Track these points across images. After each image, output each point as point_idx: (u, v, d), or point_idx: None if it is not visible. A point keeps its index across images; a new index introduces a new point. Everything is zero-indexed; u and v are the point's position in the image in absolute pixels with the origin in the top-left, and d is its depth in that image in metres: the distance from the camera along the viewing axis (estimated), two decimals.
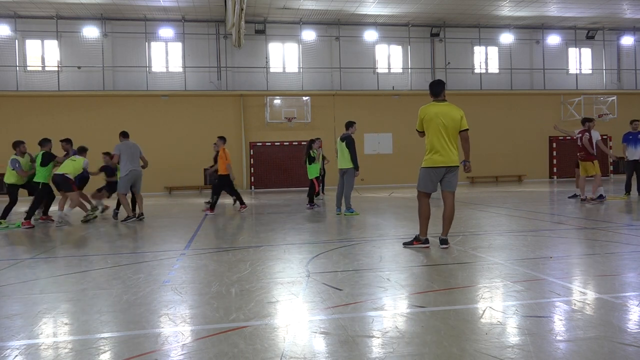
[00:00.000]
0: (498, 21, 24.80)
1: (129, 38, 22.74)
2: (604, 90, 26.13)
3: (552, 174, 25.78)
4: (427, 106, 6.37)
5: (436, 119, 6.23)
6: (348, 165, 10.73)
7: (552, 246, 6.49)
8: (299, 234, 8.23)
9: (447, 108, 6.33)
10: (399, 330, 3.35)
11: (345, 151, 10.70)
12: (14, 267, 6.13)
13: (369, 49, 24.65)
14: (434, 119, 6.24)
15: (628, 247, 6.24)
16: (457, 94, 24.93)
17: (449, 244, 6.41)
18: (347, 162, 10.72)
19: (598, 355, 2.87)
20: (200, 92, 22.91)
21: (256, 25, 23.10)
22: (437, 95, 6.41)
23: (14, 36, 21.90)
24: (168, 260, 6.17)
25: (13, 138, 11.87)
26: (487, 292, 4.33)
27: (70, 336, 3.48)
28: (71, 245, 7.93)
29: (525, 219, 9.39)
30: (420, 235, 6.50)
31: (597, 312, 3.66)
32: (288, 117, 23.04)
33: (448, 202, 6.45)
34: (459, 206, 12.49)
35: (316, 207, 12.68)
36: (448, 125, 6.25)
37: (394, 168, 24.21)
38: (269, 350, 3.05)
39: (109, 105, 22.07)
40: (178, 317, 3.79)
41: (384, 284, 4.62)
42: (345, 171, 10.79)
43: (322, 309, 3.87)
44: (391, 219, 10.33)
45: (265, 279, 4.99)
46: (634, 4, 22.96)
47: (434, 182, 6.39)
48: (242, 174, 23.38)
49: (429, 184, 6.40)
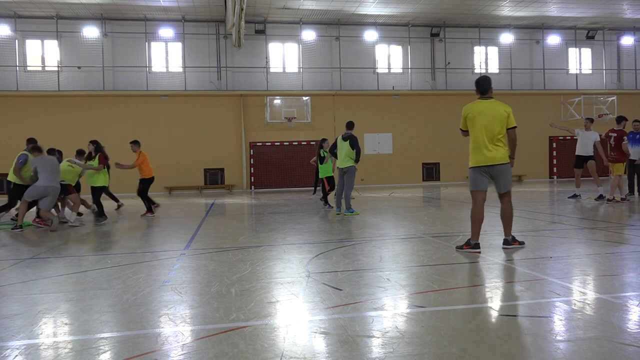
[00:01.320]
0: (498, 21, 24.81)
1: (129, 38, 22.75)
2: (604, 90, 26.14)
3: (552, 174, 25.79)
4: (471, 104, 6.12)
5: (480, 116, 5.96)
6: (349, 164, 10.70)
7: (552, 246, 6.48)
8: (299, 234, 8.23)
9: (493, 105, 6.04)
10: (399, 330, 3.35)
11: (349, 150, 10.65)
12: (14, 267, 6.13)
13: (369, 49, 24.66)
14: (477, 117, 5.97)
15: (628, 247, 6.24)
16: (457, 94, 24.94)
17: (511, 245, 6.18)
18: (349, 161, 10.69)
19: (598, 355, 2.87)
20: (200, 92, 22.91)
21: (256, 25, 23.11)
22: (484, 92, 6.11)
23: (14, 36, 21.90)
24: (168, 260, 6.17)
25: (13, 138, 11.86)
26: (487, 292, 4.33)
27: (70, 336, 3.48)
28: (71, 245, 7.93)
29: (525, 219, 9.38)
30: (471, 240, 6.13)
31: (597, 312, 3.66)
32: (288, 117, 23.04)
33: (503, 203, 6.20)
34: (458, 206, 12.50)
35: (328, 207, 12.62)
36: (493, 123, 5.93)
37: (394, 168, 24.22)
38: (269, 350, 3.05)
39: (109, 105, 22.08)
40: (178, 317, 3.79)
41: (384, 284, 4.62)
42: (346, 171, 10.75)
43: (322, 309, 3.87)
44: (391, 219, 10.33)
45: (265, 279, 4.98)
46: (634, 4, 22.96)
47: (484, 180, 6.07)
48: (243, 174, 23.40)
49: (479, 182, 6.08)
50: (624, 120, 12.64)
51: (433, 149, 24.80)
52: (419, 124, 24.64)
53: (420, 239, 7.28)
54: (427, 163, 24.98)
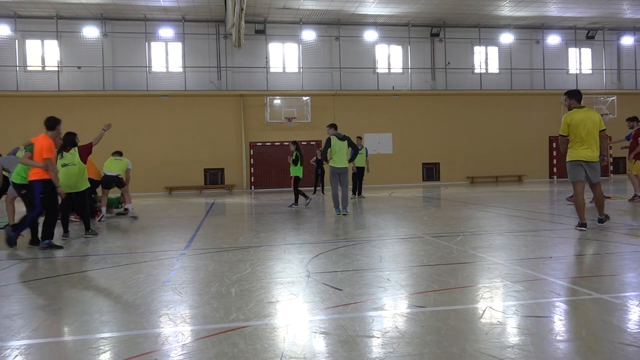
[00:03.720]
0: (498, 21, 24.80)
1: (129, 38, 22.74)
2: (604, 90, 26.13)
3: (552, 174, 25.80)
4: (572, 113, 7.46)
5: (582, 123, 7.33)
6: (347, 164, 10.81)
7: (552, 246, 6.49)
8: (299, 234, 8.23)
9: (588, 113, 7.48)
10: (399, 330, 3.35)
11: (347, 150, 10.80)
12: (14, 267, 6.13)
13: (369, 49, 24.65)
14: (580, 124, 7.33)
15: (628, 247, 6.24)
16: (457, 94, 24.97)
17: (604, 222, 7.72)
18: (346, 162, 10.82)
19: (598, 355, 2.87)
20: (200, 92, 22.91)
21: (256, 25, 23.10)
22: (579, 101, 7.58)
23: (14, 36, 21.90)
24: (168, 260, 6.17)
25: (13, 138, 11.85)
26: (487, 292, 4.33)
27: (70, 336, 3.48)
28: (71, 245, 7.93)
29: (525, 219, 9.38)
30: (580, 221, 7.49)
31: (597, 312, 3.66)
32: (288, 117, 23.04)
33: (596, 192, 7.73)
34: (458, 206, 12.51)
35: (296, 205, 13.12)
36: (592, 127, 7.35)
37: (394, 168, 24.21)
38: (269, 350, 3.05)
39: (109, 105, 22.07)
40: (178, 317, 3.79)
41: (384, 284, 4.62)
42: (346, 171, 10.84)
43: (322, 309, 3.87)
44: (391, 219, 10.33)
45: (265, 279, 4.98)
46: (634, 4, 22.96)
47: (581, 171, 7.41)
48: (242, 174, 23.40)
49: (577, 173, 7.45)
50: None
51: (433, 149, 24.79)
52: (419, 124, 24.63)
53: (420, 239, 7.28)
54: (427, 163, 24.98)
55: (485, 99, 25.19)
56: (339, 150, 10.83)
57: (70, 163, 8.64)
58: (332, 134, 10.91)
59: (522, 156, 25.51)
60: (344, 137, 10.86)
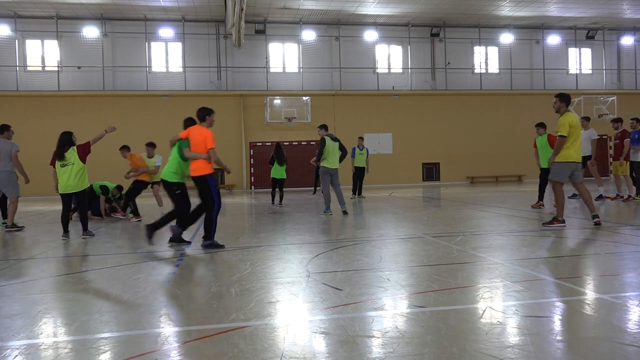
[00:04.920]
0: (498, 21, 24.80)
1: (129, 38, 22.74)
2: (604, 90, 26.13)
3: None
4: (569, 115, 7.71)
5: (577, 125, 7.73)
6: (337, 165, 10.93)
7: (552, 246, 6.48)
8: (299, 234, 8.23)
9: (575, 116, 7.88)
10: (399, 330, 3.34)
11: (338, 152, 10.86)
12: (14, 267, 6.13)
13: (369, 49, 24.66)
14: (577, 126, 7.72)
15: (628, 247, 6.24)
16: (457, 94, 24.97)
17: (598, 217, 7.76)
18: (337, 163, 10.92)
19: (598, 355, 2.87)
20: (200, 92, 22.90)
21: (256, 25, 23.11)
22: (567, 106, 7.88)
23: (14, 36, 21.91)
24: (168, 260, 6.17)
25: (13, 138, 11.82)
26: (487, 292, 4.33)
27: (70, 336, 3.48)
28: (71, 245, 7.93)
29: (525, 219, 9.38)
30: (558, 217, 7.85)
31: (597, 312, 3.66)
32: (288, 117, 23.04)
33: (582, 189, 7.91)
34: (458, 206, 12.51)
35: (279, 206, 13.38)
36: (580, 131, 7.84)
37: (394, 168, 24.21)
38: (269, 350, 3.05)
39: (109, 105, 22.07)
40: (178, 317, 3.79)
41: (384, 284, 4.62)
42: (336, 171, 10.91)
43: (322, 309, 3.87)
44: (391, 219, 10.33)
45: (265, 279, 4.98)
46: (634, 4, 22.96)
47: (568, 173, 7.69)
48: (242, 174, 23.39)
49: (566, 174, 7.71)
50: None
51: (433, 149, 24.79)
52: (419, 124, 24.63)
53: (420, 239, 7.28)
54: (427, 163, 24.98)
55: (485, 99, 25.18)
56: (332, 151, 10.87)
57: (69, 163, 8.58)
58: (325, 135, 10.95)
59: (522, 156, 25.46)
60: (336, 139, 10.96)
